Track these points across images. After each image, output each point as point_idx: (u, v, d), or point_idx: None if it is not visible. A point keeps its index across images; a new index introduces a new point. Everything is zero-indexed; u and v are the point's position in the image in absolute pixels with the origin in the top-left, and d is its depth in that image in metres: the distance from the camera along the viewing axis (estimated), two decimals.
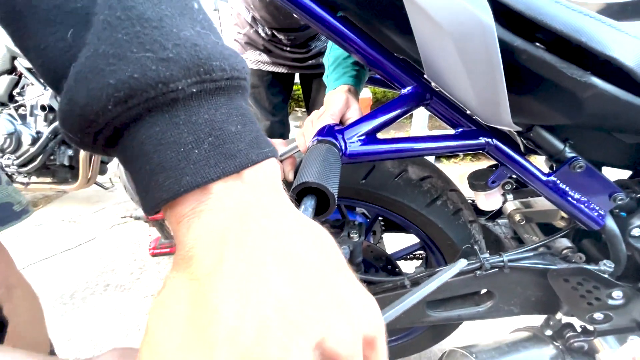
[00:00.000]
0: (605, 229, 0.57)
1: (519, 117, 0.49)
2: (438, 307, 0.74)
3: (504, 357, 0.67)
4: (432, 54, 0.46)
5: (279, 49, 1.11)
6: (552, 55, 0.39)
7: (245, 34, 1.12)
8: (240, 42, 1.16)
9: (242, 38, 1.14)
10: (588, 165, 0.53)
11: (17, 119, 1.86)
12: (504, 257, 0.63)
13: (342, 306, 0.16)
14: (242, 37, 1.14)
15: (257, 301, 0.14)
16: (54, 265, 1.67)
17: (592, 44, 0.37)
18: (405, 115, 0.51)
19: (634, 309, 0.60)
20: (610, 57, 0.37)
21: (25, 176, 1.96)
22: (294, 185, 0.32)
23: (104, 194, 2.39)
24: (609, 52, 0.37)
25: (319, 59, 1.14)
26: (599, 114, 0.44)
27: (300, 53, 1.12)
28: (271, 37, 1.09)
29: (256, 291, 0.15)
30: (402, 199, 0.66)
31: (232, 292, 0.15)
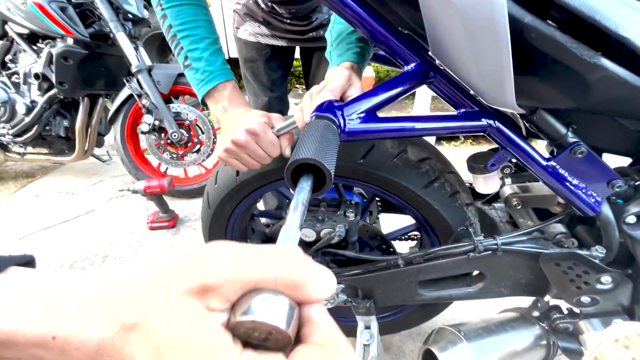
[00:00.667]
0: (601, 216, 0.57)
1: (523, 100, 0.47)
2: (430, 286, 0.76)
3: (491, 336, 0.69)
4: (438, 29, 0.44)
5: (279, 21, 1.07)
6: (564, 34, 0.38)
7: (245, 4, 1.08)
8: (239, 13, 1.11)
9: (241, 9, 1.10)
10: (589, 151, 0.52)
11: (11, 87, 1.81)
12: (497, 240, 0.64)
13: None
14: (241, 7, 1.09)
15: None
16: (53, 235, 1.68)
17: (606, 23, 0.35)
18: (407, 94, 0.50)
19: (621, 294, 0.61)
20: (623, 38, 0.36)
21: (21, 146, 1.94)
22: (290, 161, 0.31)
23: (102, 166, 2.37)
24: (622, 32, 0.36)
25: (320, 31, 1.09)
26: (606, 98, 0.43)
27: (301, 25, 1.08)
28: (271, 9, 1.04)
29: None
30: (400, 180, 0.66)
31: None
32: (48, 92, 1.77)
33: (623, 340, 0.56)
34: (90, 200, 2.00)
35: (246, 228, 0.94)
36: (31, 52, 1.72)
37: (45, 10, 1.57)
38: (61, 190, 2.13)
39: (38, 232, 1.71)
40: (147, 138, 1.84)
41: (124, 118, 1.87)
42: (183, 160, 1.92)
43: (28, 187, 2.17)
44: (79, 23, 1.66)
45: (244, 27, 1.12)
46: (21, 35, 1.72)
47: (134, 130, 1.93)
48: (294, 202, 0.26)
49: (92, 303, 0.19)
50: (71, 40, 1.65)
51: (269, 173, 0.71)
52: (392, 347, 1.09)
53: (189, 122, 1.83)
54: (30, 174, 2.34)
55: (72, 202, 1.99)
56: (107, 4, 1.62)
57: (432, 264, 0.69)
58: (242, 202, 0.79)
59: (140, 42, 1.84)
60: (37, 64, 1.72)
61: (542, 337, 0.70)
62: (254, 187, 0.75)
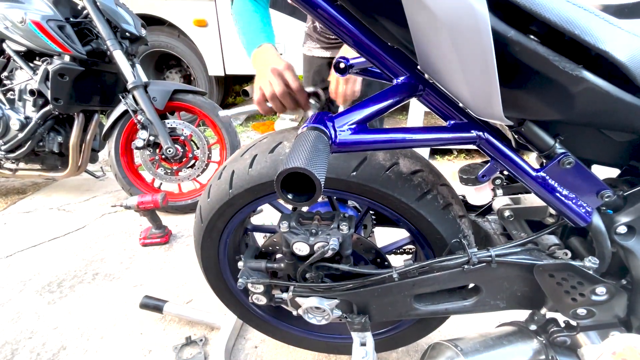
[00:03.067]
0: (592, 226, 0.57)
1: (510, 111, 0.48)
2: (425, 300, 0.75)
3: (488, 351, 0.68)
4: (425, 44, 0.45)
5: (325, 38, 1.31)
6: (545, 48, 0.39)
7: (309, 27, 1.33)
8: (306, 33, 1.37)
9: (307, 30, 1.35)
10: (577, 162, 0.53)
11: (5, 104, 1.81)
12: (491, 252, 0.63)
13: None
14: (307, 29, 1.35)
15: None
16: (42, 253, 1.64)
17: (585, 37, 0.37)
18: (397, 107, 0.51)
19: (616, 305, 0.61)
20: (602, 51, 0.37)
21: (13, 162, 1.92)
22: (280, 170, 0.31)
23: (95, 182, 2.35)
24: (601, 46, 0.37)
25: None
26: (590, 110, 0.44)
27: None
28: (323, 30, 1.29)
29: None
30: (393, 192, 0.66)
31: None
32: (43, 108, 1.77)
33: (621, 352, 0.55)
34: (82, 217, 1.96)
35: (239, 243, 0.93)
36: (27, 69, 1.73)
37: (44, 29, 1.60)
38: (52, 206, 2.09)
39: (26, 249, 1.67)
40: (142, 153, 1.84)
41: (118, 134, 1.87)
42: (177, 175, 1.91)
43: (19, 203, 2.14)
44: (76, 41, 1.69)
45: (306, 45, 1.39)
46: (18, 53, 1.74)
47: (129, 146, 1.93)
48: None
49: None
50: (68, 57, 1.67)
51: (261, 187, 0.70)
52: None
53: (184, 137, 1.84)
54: (21, 190, 2.31)
55: (64, 218, 1.95)
56: (104, 23, 1.65)
57: (427, 277, 0.68)
58: (235, 217, 0.78)
59: (137, 59, 1.87)
60: (33, 80, 1.73)
61: (540, 351, 0.69)
62: (247, 201, 0.74)
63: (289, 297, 0.77)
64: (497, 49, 0.39)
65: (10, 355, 1.11)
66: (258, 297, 0.82)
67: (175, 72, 3.82)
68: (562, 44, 0.39)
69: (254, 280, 0.78)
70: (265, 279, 0.79)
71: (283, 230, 0.71)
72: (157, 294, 1.32)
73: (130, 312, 1.28)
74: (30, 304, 1.33)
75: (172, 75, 3.83)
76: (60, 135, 1.88)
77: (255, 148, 0.74)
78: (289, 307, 0.80)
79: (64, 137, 1.88)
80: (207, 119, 1.88)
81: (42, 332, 1.20)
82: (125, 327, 1.22)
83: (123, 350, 1.13)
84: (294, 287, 0.76)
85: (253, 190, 0.71)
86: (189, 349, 1.12)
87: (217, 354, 1.05)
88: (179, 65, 3.78)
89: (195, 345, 1.13)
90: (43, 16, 1.60)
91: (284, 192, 0.33)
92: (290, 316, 0.96)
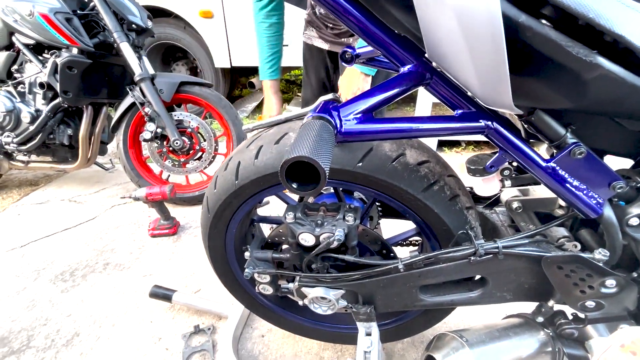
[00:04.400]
0: (603, 218, 0.56)
1: (520, 100, 0.47)
2: (431, 291, 0.75)
3: (494, 342, 0.68)
4: (433, 30, 0.44)
5: (324, 27, 1.34)
6: (558, 33, 0.38)
7: (308, 14, 1.36)
8: (305, 20, 1.40)
9: (306, 17, 1.38)
10: (589, 152, 0.52)
11: (16, 97, 1.84)
12: (498, 244, 0.63)
13: None
14: (306, 16, 1.38)
15: None
16: (54, 243, 1.68)
17: (600, 21, 0.35)
18: (403, 96, 0.50)
19: (626, 298, 0.60)
20: (618, 36, 0.36)
21: (25, 155, 1.96)
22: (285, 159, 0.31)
23: (104, 174, 2.39)
24: (617, 30, 0.36)
25: (350, 39, 1.33)
26: (604, 98, 0.43)
27: (338, 29, 1.32)
28: (324, 16, 1.32)
29: None
30: (399, 183, 0.66)
31: None
32: (52, 101, 1.79)
33: (629, 345, 0.55)
34: (92, 208, 2.00)
35: (246, 234, 0.94)
36: (37, 62, 1.75)
37: (51, 21, 1.61)
38: (64, 198, 2.14)
39: (40, 239, 1.71)
40: (150, 146, 1.86)
41: (126, 126, 1.89)
42: (185, 167, 1.93)
43: (32, 195, 2.19)
44: (83, 33, 1.69)
45: (306, 33, 1.43)
46: (27, 46, 1.76)
47: (137, 138, 1.94)
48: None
49: None
50: (76, 50, 1.68)
51: (266, 177, 0.71)
52: (394, 356, 1.07)
53: (190, 129, 1.85)
54: (34, 182, 2.36)
55: (75, 209, 1.99)
56: (111, 15, 1.65)
57: (433, 268, 0.68)
58: (241, 207, 0.79)
59: (144, 51, 1.87)
60: (43, 73, 1.75)
61: (547, 343, 0.68)
62: (253, 192, 0.75)
63: (295, 287, 0.78)
64: (508, 34, 0.38)
65: (26, 341, 1.15)
66: (264, 287, 0.83)
67: (181, 65, 3.83)
68: (575, 29, 0.38)
69: (260, 271, 0.79)
70: (272, 269, 0.80)
71: (289, 221, 0.71)
72: (166, 283, 1.34)
73: (140, 301, 1.31)
74: (44, 292, 1.37)
75: (178, 67, 3.83)
76: (70, 127, 1.90)
77: (261, 139, 0.74)
78: (295, 297, 0.81)
79: (73, 130, 1.91)
80: (213, 111, 1.89)
81: (56, 319, 1.24)
82: (135, 315, 1.25)
83: (134, 338, 1.16)
84: (299, 278, 0.77)
85: (259, 181, 0.71)
86: (197, 337, 1.14)
87: (225, 343, 1.07)
88: (186, 57, 3.78)
89: (204, 334, 1.15)
90: (51, 9, 1.61)
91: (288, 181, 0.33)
92: (297, 306, 0.97)
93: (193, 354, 1.09)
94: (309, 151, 0.31)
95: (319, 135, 0.35)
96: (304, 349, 1.11)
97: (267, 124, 0.74)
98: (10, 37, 1.78)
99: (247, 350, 1.11)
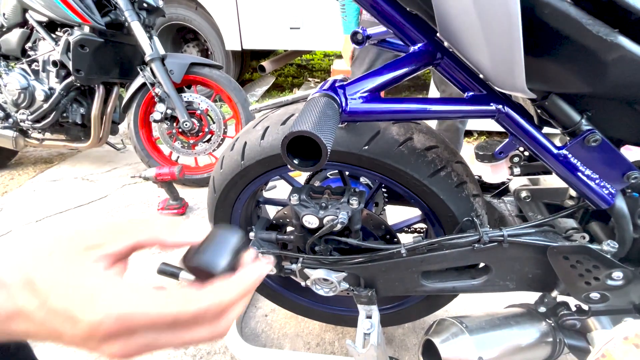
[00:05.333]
0: (614, 209, 0.55)
1: (534, 83, 0.46)
2: (433, 277, 0.75)
3: (494, 330, 0.68)
4: (446, 8, 0.43)
5: None
6: (578, 10, 0.36)
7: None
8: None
9: None
10: (604, 140, 0.50)
11: (30, 74, 1.86)
12: (503, 232, 0.62)
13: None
14: None
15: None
16: (68, 219, 1.74)
17: None
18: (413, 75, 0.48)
19: (632, 291, 0.59)
20: None
21: (39, 132, 2.00)
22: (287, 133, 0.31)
23: (116, 154, 2.43)
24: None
25: None
26: (623, 81, 0.41)
27: None
28: None
29: None
30: (405, 168, 0.65)
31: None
32: (65, 79, 1.81)
33: (633, 338, 0.54)
34: (104, 187, 2.05)
35: (251, 215, 0.95)
36: (50, 40, 1.76)
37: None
38: (77, 176, 2.19)
39: (54, 215, 1.77)
40: (160, 126, 1.87)
41: (137, 106, 1.90)
42: (194, 149, 1.94)
43: (46, 172, 2.24)
44: (95, 12, 1.69)
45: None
46: (40, 23, 1.77)
47: (147, 119, 1.96)
48: None
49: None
50: (88, 28, 1.68)
51: (272, 158, 0.70)
52: (395, 341, 1.09)
53: (200, 111, 1.85)
54: (48, 160, 2.42)
55: (88, 187, 2.04)
56: None
57: (436, 254, 0.68)
58: (247, 188, 0.79)
59: (155, 31, 1.86)
60: (55, 51, 1.76)
61: (548, 333, 0.68)
62: (259, 173, 0.75)
63: (298, 268, 0.79)
64: (524, 11, 0.36)
65: None
66: None
67: (192, 47, 3.80)
68: (597, 6, 0.36)
69: (264, 251, 0.80)
70: (276, 250, 0.81)
71: (293, 202, 0.71)
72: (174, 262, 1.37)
73: (148, 277, 1.35)
74: None
75: (189, 49, 3.81)
76: (83, 107, 1.93)
77: (267, 120, 0.73)
78: (298, 278, 0.82)
79: (86, 109, 1.93)
80: (223, 93, 1.88)
81: None
82: None
83: None
84: (302, 259, 0.78)
85: (264, 162, 0.71)
86: None
87: None
88: (197, 39, 3.75)
89: None
90: None
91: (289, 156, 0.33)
92: (300, 287, 0.98)
93: None
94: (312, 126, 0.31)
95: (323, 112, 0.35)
96: (306, 329, 1.13)
97: (274, 105, 0.73)
98: (24, 14, 1.79)
99: (251, 329, 1.14)
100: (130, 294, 0.24)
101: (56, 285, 0.23)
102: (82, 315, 0.22)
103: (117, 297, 0.24)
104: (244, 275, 0.27)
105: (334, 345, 1.08)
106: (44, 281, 0.23)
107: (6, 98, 1.88)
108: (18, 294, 0.23)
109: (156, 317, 0.23)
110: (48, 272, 0.24)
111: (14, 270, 0.24)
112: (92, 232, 0.26)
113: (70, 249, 0.25)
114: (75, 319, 0.22)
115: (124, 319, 0.23)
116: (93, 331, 0.22)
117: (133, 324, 0.23)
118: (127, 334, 0.23)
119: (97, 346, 0.23)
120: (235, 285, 0.26)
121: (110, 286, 0.24)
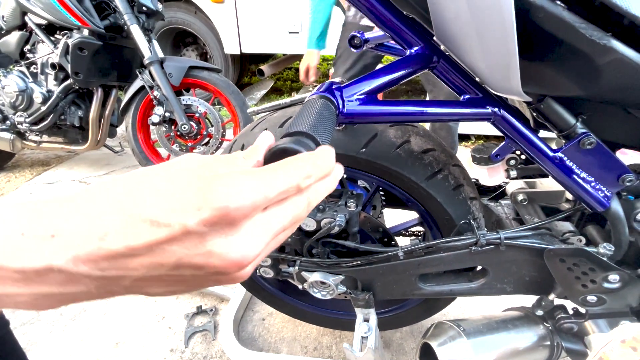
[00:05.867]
0: (610, 212, 0.55)
1: (530, 86, 0.46)
2: (431, 280, 0.75)
3: (492, 333, 0.68)
4: (442, 11, 0.43)
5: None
6: (572, 14, 0.36)
7: None
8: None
9: None
10: (599, 143, 0.50)
11: (29, 77, 1.86)
12: (500, 234, 0.62)
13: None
14: None
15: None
16: None
17: (616, 1, 0.34)
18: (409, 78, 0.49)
19: (629, 294, 0.59)
20: (635, 17, 0.34)
21: (37, 135, 1.99)
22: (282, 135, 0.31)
23: (114, 157, 2.42)
24: (635, 12, 0.34)
25: None
26: (617, 85, 0.41)
27: None
28: None
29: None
30: (402, 171, 0.65)
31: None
32: (64, 82, 1.81)
33: (630, 341, 0.54)
34: None
35: None
36: (49, 43, 1.76)
37: (63, 1, 1.61)
38: (74, 178, 2.18)
39: None
40: (158, 129, 1.87)
41: (135, 109, 1.90)
42: (192, 152, 1.94)
43: (43, 175, 2.23)
44: (94, 15, 1.70)
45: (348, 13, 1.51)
46: (39, 26, 1.77)
47: (145, 122, 1.96)
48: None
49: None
50: (87, 31, 1.68)
51: None
52: (393, 344, 1.08)
53: (198, 114, 1.86)
54: (45, 162, 2.41)
55: None
56: None
57: (433, 257, 0.68)
58: None
59: (154, 35, 1.87)
60: (54, 54, 1.76)
61: (546, 337, 0.68)
62: None
63: (295, 271, 0.79)
64: (518, 15, 0.37)
65: (36, 314, 1.19)
66: (266, 270, 0.84)
67: (191, 50, 3.82)
68: (590, 10, 0.36)
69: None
70: (273, 253, 0.81)
71: None
72: None
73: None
74: None
75: (188, 52, 3.83)
76: (81, 109, 1.93)
77: (265, 122, 0.73)
78: (295, 281, 0.81)
79: (84, 112, 1.93)
80: (221, 97, 1.89)
81: None
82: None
83: (138, 315, 1.19)
84: (300, 262, 0.78)
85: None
86: (199, 318, 1.17)
87: (226, 324, 1.09)
88: (196, 43, 3.77)
89: (206, 315, 1.18)
90: None
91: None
92: (297, 291, 0.98)
93: (195, 333, 1.11)
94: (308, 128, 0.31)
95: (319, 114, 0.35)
96: (303, 333, 1.12)
97: (272, 108, 0.73)
98: (23, 16, 1.79)
99: (248, 332, 1.13)
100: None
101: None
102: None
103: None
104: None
105: (331, 349, 1.08)
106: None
107: (4, 100, 1.87)
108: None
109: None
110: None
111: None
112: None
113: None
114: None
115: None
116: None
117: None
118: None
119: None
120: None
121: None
